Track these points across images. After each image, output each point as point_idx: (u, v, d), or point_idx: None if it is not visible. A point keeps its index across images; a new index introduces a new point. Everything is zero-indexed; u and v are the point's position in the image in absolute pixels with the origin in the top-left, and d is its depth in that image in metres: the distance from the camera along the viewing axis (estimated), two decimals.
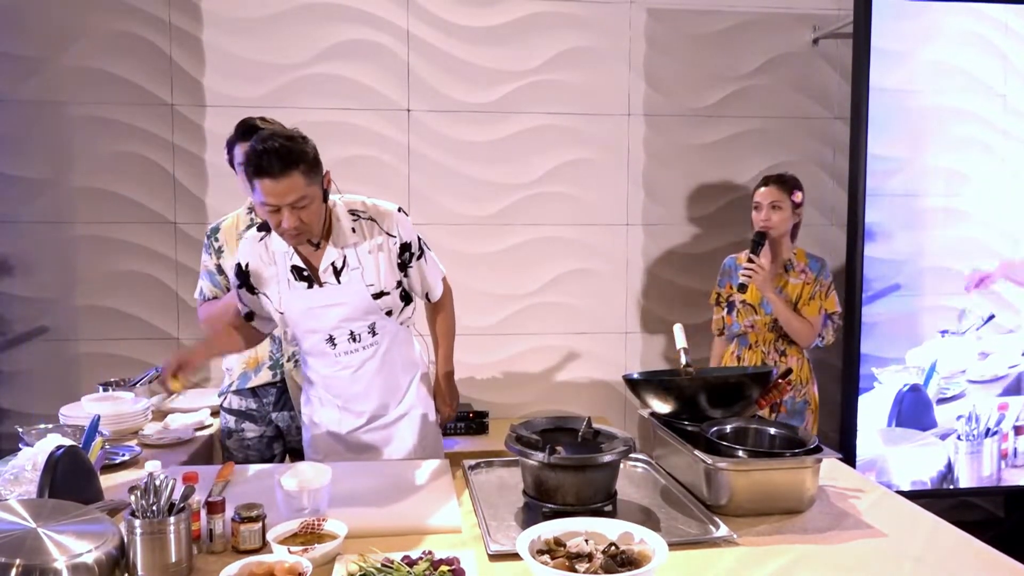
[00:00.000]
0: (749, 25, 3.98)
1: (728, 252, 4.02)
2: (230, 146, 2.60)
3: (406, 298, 2.32)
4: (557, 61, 3.88)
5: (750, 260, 2.89)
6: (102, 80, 3.62)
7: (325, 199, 2.15)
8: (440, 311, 2.54)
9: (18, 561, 1.45)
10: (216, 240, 2.66)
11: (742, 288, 2.91)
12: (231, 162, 2.63)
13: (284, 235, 2.10)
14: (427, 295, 2.45)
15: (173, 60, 3.66)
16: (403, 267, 2.28)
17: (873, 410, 3.62)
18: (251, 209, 2.68)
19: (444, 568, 1.58)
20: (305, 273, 2.21)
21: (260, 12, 3.68)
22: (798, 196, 3.02)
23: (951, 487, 3.67)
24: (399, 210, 2.29)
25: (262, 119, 2.54)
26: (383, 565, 1.58)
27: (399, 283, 2.27)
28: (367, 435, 2.38)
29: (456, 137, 3.83)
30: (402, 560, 1.61)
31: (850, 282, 3.56)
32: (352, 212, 2.24)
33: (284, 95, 3.71)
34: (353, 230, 2.22)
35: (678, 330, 2.43)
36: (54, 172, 3.63)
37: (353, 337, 2.26)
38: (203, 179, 3.71)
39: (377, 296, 2.22)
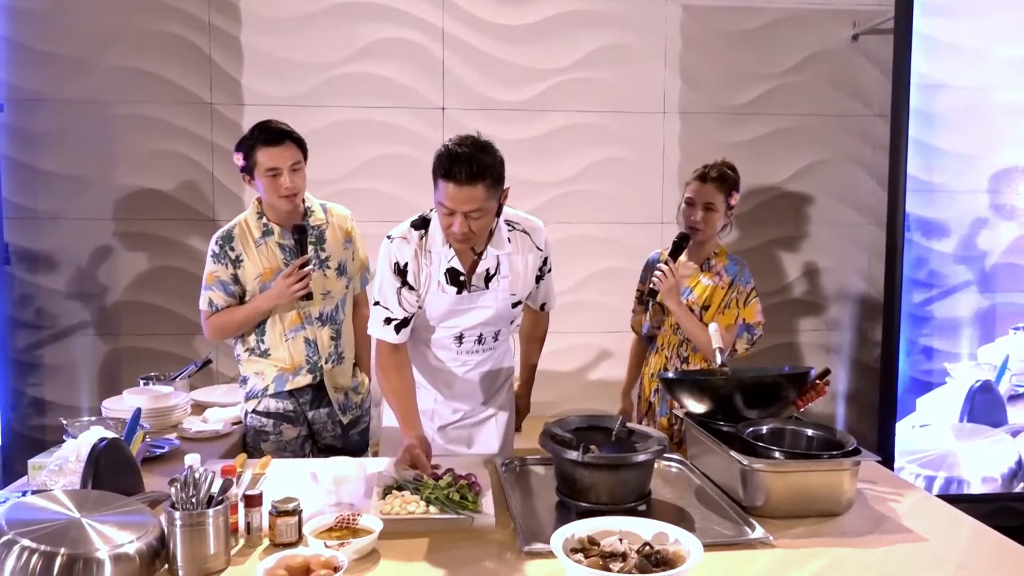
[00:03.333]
0: (787, 21, 3.93)
1: (763, 252, 4.00)
2: (249, 150, 2.55)
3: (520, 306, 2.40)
4: (592, 59, 3.87)
5: (666, 262, 2.60)
6: (143, 80, 3.68)
7: (498, 213, 2.20)
8: (545, 317, 2.63)
9: (63, 550, 1.48)
10: (232, 250, 2.60)
11: (652, 293, 2.63)
12: (246, 168, 2.57)
13: (450, 237, 2.14)
14: (543, 304, 2.54)
15: (212, 60, 3.71)
16: (538, 279, 2.38)
17: (945, 406, 3.63)
18: (261, 214, 2.64)
19: (463, 482, 1.91)
20: (461, 278, 2.24)
21: (297, 11, 3.72)
22: (735, 197, 2.66)
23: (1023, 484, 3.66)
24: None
25: (278, 122, 2.59)
26: (414, 479, 1.93)
27: (529, 294, 2.38)
28: (455, 431, 2.44)
29: (490, 135, 3.75)
30: (429, 477, 1.94)
31: (889, 281, 3.51)
32: (508, 223, 2.29)
33: (320, 94, 3.75)
34: (509, 240, 2.28)
35: (714, 330, 2.40)
36: (97, 170, 3.70)
37: (480, 340, 2.34)
38: (240, 176, 3.74)
39: (515, 305, 2.32)
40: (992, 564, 1.70)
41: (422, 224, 2.26)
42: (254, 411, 2.68)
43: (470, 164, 2.02)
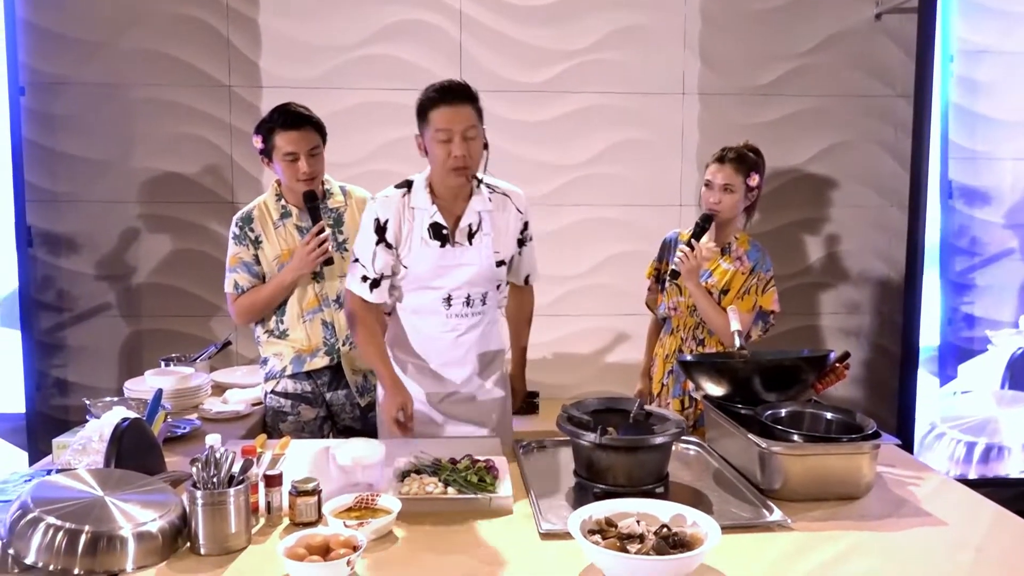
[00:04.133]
0: (808, 0, 3.87)
1: (783, 234, 3.97)
2: (268, 133, 2.58)
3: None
4: (610, 39, 3.83)
5: (689, 244, 2.58)
6: (162, 62, 3.69)
7: (484, 147, 2.31)
8: (529, 295, 2.67)
9: (87, 528, 1.51)
10: (251, 231, 2.65)
11: (674, 274, 2.62)
12: (264, 151, 2.61)
13: (448, 167, 2.22)
14: (527, 278, 2.58)
15: (231, 42, 3.72)
16: (520, 244, 2.47)
17: (986, 372, 3.65)
18: (279, 196, 2.69)
19: (481, 464, 1.94)
20: (443, 232, 2.32)
21: None
22: (754, 179, 2.65)
23: None
24: None
25: (297, 105, 2.63)
26: (433, 462, 1.96)
27: (512, 258, 2.46)
28: (452, 406, 2.44)
29: (507, 117, 3.82)
30: (448, 461, 1.97)
31: (910, 265, 3.47)
32: (488, 186, 2.41)
33: (338, 76, 3.75)
34: (490, 199, 2.38)
35: (732, 312, 2.39)
36: (117, 153, 3.72)
37: (468, 301, 2.38)
38: (259, 159, 3.75)
39: (499, 264, 2.39)
40: (1014, 549, 1.69)
41: (405, 184, 2.36)
42: (273, 392, 2.71)
43: (460, 87, 2.25)
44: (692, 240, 2.61)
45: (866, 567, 1.60)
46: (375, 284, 2.34)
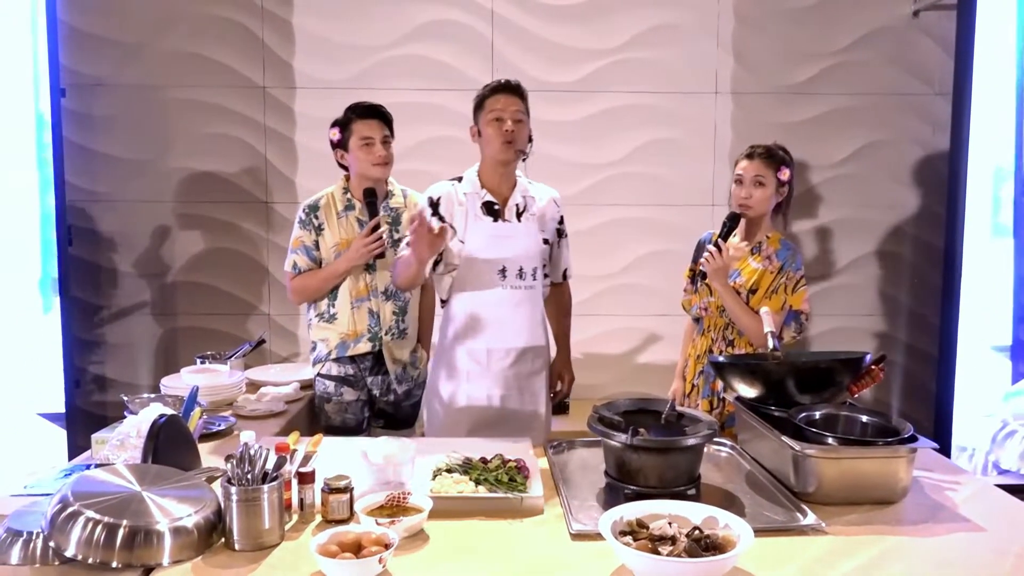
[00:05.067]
0: None
1: (818, 234, 3.92)
2: (345, 124, 2.78)
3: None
4: (643, 38, 3.82)
5: (716, 244, 2.55)
6: (197, 64, 3.75)
7: (529, 139, 2.58)
8: (567, 290, 2.85)
9: (125, 522, 1.53)
10: (316, 218, 2.81)
11: (701, 274, 2.62)
12: (341, 142, 2.79)
13: (502, 140, 2.49)
14: (564, 272, 2.78)
15: (265, 43, 3.76)
16: (559, 234, 2.71)
17: None
18: (346, 189, 2.85)
19: (512, 464, 1.96)
20: (495, 207, 2.56)
21: None
22: (785, 173, 2.61)
23: None
24: None
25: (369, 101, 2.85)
26: (464, 461, 1.99)
27: (551, 246, 2.67)
28: (510, 380, 2.55)
29: (539, 117, 3.76)
30: (479, 460, 2.00)
31: (949, 265, 3.41)
32: (528, 181, 2.68)
33: (370, 76, 3.77)
34: (529, 187, 2.65)
35: (765, 314, 2.37)
36: (154, 153, 3.78)
37: (521, 274, 2.55)
38: (293, 159, 3.81)
39: (544, 242, 2.62)
40: None
41: (456, 179, 2.63)
42: (320, 375, 2.87)
43: (514, 83, 2.57)
44: (719, 240, 2.59)
45: (902, 573, 1.57)
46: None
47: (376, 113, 2.80)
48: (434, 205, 2.57)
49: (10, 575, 1.52)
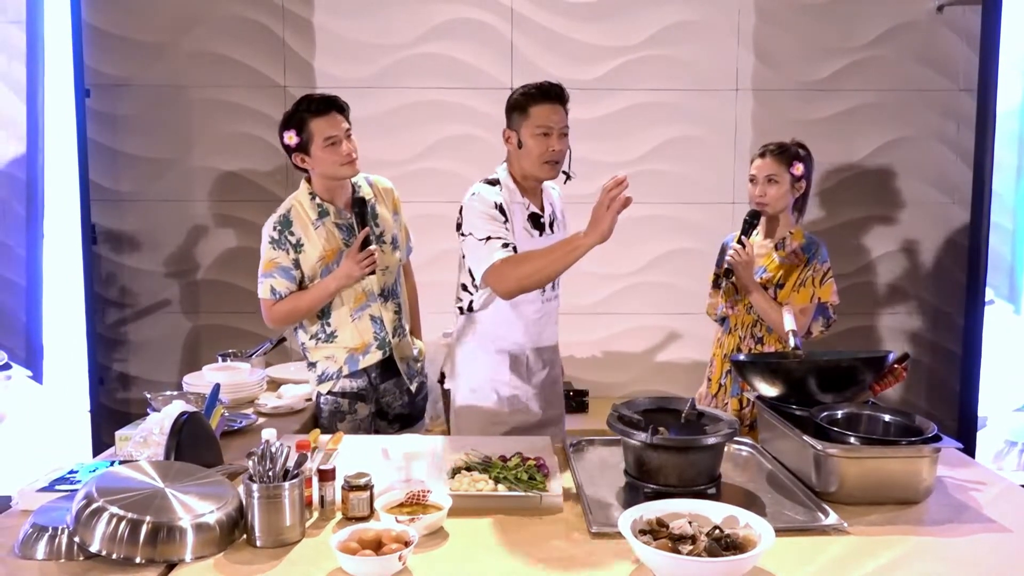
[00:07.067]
0: None
1: (842, 232, 3.89)
2: (300, 124, 2.52)
3: None
4: (662, 35, 3.80)
5: (739, 242, 2.59)
6: (220, 64, 3.78)
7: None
8: None
9: (148, 518, 1.55)
10: (291, 234, 2.56)
11: (727, 273, 2.62)
12: (300, 144, 2.53)
13: (547, 159, 2.37)
14: None
15: (286, 43, 3.78)
16: None
17: None
18: (313, 195, 2.60)
19: (531, 462, 1.94)
20: (541, 220, 2.49)
21: None
22: (798, 168, 2.60)
23: None
24: None
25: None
26: (483, 459, 1.98)
27: None
28: (543, 386, 2.56)
29: None
30: (498, 458, 1.99)
31: (973, 264, 3.37)
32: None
33: (390, 75, 3.78)
34: (552, 191, 2.62)
35: (787, 312, 2.35)
36: (177, 152, 3.82)
37: (553, 285, 2.52)
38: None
39: None
40: None
41: (491, 181, 2.46)
42: (330, 392, 2.67)
43: (560, 88, 2.38)
44: (742, 237, 2.59)
45: (925, 573, 1.56)
46: (514, 247, 2.35)
47: (332, 105, 2.54)
48: (503, 210, 2.38)
49: (36, 569, 1.55)
